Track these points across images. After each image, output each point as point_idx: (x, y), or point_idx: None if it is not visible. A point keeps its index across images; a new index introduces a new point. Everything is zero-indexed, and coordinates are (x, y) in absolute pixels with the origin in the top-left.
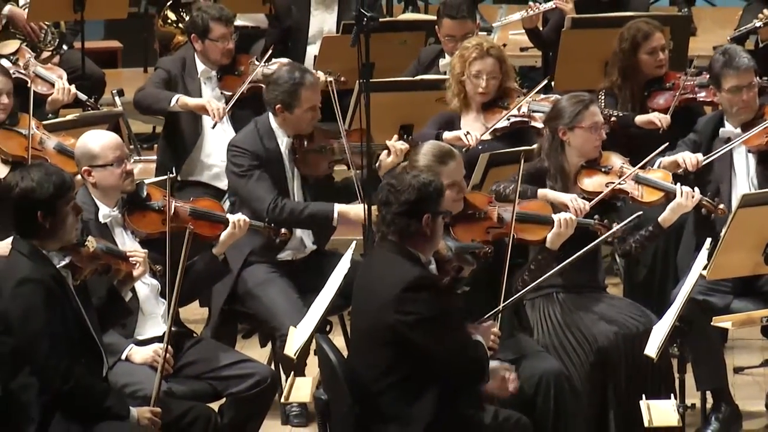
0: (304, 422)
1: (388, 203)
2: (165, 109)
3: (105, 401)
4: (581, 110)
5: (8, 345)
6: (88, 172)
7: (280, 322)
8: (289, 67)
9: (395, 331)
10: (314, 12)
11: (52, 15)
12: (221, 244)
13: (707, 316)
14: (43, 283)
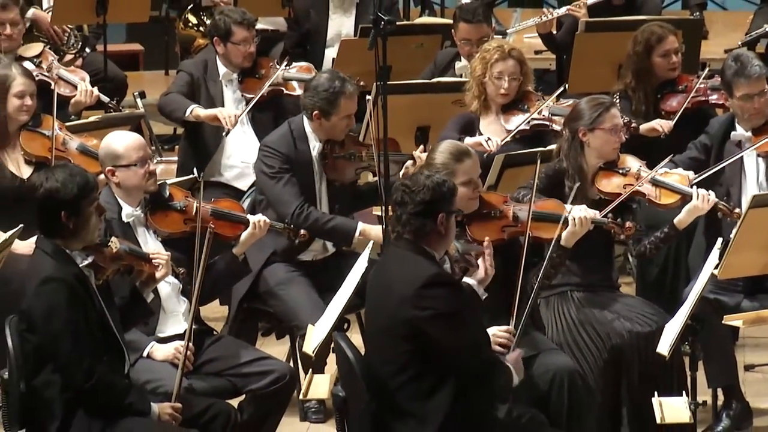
0: (322, 418)
1: (403, 203)
2: (180, 118)
3: (126, 398)
4: (602, 112)
5: (32, 343)
6: (112, 172)
7: (300, 321)
8: (329, 75)
9: (412, 326)
10: (332, 15)
11: (75, 18)
12: (242, 244)
13: (718, 315)
14: (66, 282)
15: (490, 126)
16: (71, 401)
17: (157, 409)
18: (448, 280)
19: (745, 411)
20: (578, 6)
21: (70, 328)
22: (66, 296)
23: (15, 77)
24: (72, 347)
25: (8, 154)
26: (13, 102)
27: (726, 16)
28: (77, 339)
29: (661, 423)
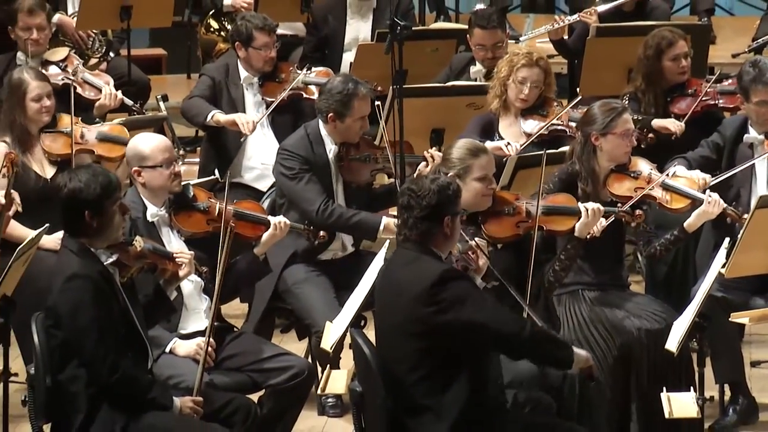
0: (339, 413)
1: (409, 207)
2: (201, 123)
3: (149, 392)
4: (614, 117)
5: (58, 338)
6: (138, 172)
7: (315, 320)
8: (342, 78)
9: (426, 323)
10: (350, 21)
11: (100, 24)
12: (263, 244)
13: (725, 313)
14: (92, 279)
15: (509, 128)
16: (96, 395)
17: (179, 403)
18: (458, 274)
19: (751, 406)
20: (589, 13)
21: (94, 325)
22: (91, 293)
23: (29, 82)
24: (96, 343)
25: (31, 156)
26: (31, 106)
27: (733, 21)
28: (102, 335)
29: (669, 417)
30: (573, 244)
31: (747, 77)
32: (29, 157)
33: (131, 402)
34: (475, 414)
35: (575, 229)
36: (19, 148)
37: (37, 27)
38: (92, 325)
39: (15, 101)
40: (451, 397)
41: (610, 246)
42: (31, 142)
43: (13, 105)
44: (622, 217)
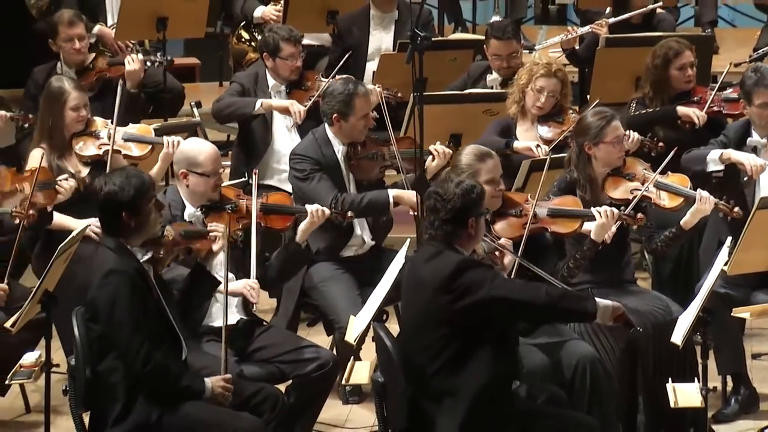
0: (357, 400)
1: (435, 210)
2: (249, 113)
3: (181, 381)
4: (604, 126)
5: (96, 331)
6: (185, 174)
7: (339, 317)
8: (342, 81)
9: (447, 310)
10: (373, 32)
11: (138, 34)
12: (302, 232)
13: (728, 308)
14: (128, 275)
15: (526, 132)
16: (133, 386)
17: (210, 384)
18: (474, 263)
19: (752, 396)
20: (600, 25)
21: (130, 318)
22: (128, 288)
23: (70, 92)
24: (131, 335)
25: (68, 160)
26: (70, 115)
27: (735, 32)
28: (136, 328)
29: (674, 407)
30: (589, 246)
31: (749, 81)
32: (65, 162)
33: (165, 391)
34: (491, 399)
35: (592, 232)
36: (55, 153)
37: (77, 37)
38: (128, 319)
39: (54, 109)
40: (469, 383)
41: (615, 244)
42: (66, 146)
43: (52, 112)
44: (624, 220)
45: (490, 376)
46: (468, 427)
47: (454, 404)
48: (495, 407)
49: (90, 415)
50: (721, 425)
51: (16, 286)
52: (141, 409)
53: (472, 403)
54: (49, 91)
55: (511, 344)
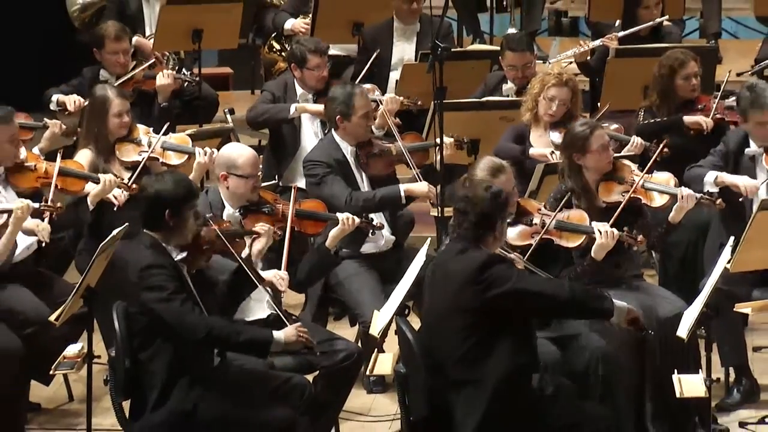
0: (380, 389)
1: (464, 212)
2: (285, 117)
3: (244, 335)
4: (588, 136)
5: (141, 322)
6: (225, 176)
7: (362, 312)
8: (341, 84)
9: (475, 300)
10: (396, 43)
11: (174, 45)
12: (332, 238)
13: (730, 303)
14: (165, 267)
15: (539, 138)
16: (172, 373)
17: (282, 335)
18: (501, 258)
19: (753, 387)
20: (611, 38)
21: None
22: (166, 275)
23: (113, 99)
24: (181, 306)
25: (111, 164)
26: (113, 121)
27: (738, 44)
28: (184, 300)
29: (680, 397)
30: (590, 263)
31: (744, 101)
32: (109, 164)
33: (231, 350)
34: (511, 389)
35: (592, 251)
36: (101, 156)
37: (122, 51)
38: (174, 296)
39: (99, 115)
40: (489, 372)
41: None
42: (110, 150)
43: (97, 118)
44: (626, 241)
45: (511, 367)
46: (488, 416)
47: (474, 393)
48: (514, 397)
49: (130, 403)
50: (724, 414)
51: (60, 281)
52: (178, 397)
53: (492, 393)
54: (93, 98)
55: (531, 337)
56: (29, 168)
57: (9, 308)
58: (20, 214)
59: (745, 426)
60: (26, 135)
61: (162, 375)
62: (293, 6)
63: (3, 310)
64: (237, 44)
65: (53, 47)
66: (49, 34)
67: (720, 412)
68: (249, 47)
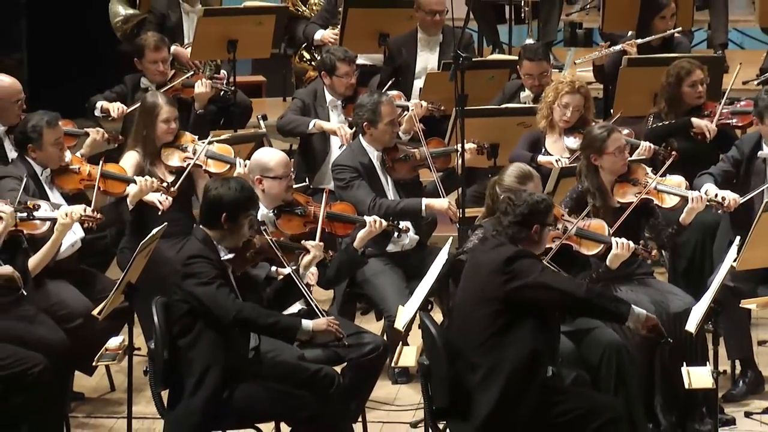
0: (405, 380)
1: (506, 213)
2: (304, 132)
3: (273, 318)
4: (605, 139)
5: (182, 309)
6: (260, 180)
7: (388, 307)
8: (368, 93)
9: (500, 289)
10: (420, 53)
11: (211, 54)
12: (359, 239)
13: (736, 299)
14: (210, 260)
15: (554, 143)
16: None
17: (311, 325)
18: (530, 253)
19: (758, 379)
20: (631, 44)
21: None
22: (209, 265)
23: (162, 106)
24: (217, 290)
25: (157, 167)
26: (161, 127)
27: (743, 54)
28: (221, 285)
29: (689, 388)
30: (604, 269)
31: (762, 103)
32: (155, 168)
33: (260, 332)
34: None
35: (608, 260)
36: (147, 159)
37: (161, 60)
38: (212, 279)
39: (148, 121)
40: (508, 357)
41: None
42: (156, 154)
43: (146, 123)
44: (640, 254)
45: (528, 354)
46: (502, 402)
47: (491, 379)
48: (527, 385)
49: (168, 392)
50: (730, 404)
51: (102, 278)
52: (213, 384)
53: (506, 380)
54: (144, 104)
55: (551, 329)
56: (73, 171)
57: (55, 303)
58: (65, 222)
59: (751, 416)
60: (70, 142)
61: (199, 362)
62: (323, 18)
63: (49, 305)
64: (270, 54)
65: (96, 57)
66: (93, 44)
67: (726, 403)
68: (281, 57)
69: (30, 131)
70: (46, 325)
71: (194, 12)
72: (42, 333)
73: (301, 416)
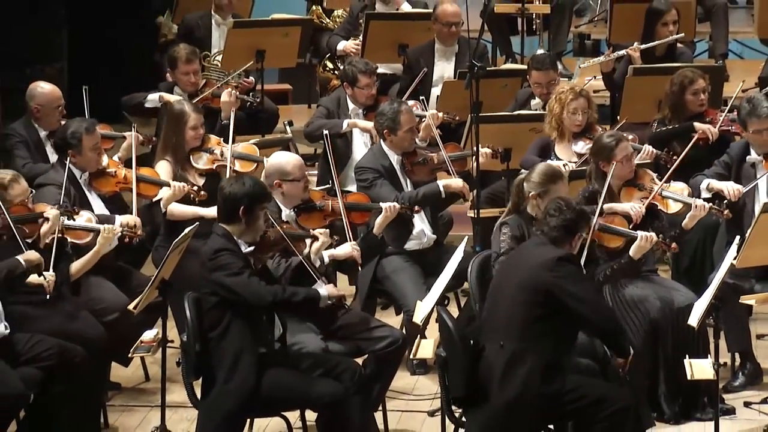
0: (423, 371)
1: (552, 215)
2: (339, 132)
3: (301, 295)
4: (614, 147)
5: (211, 302)
6: (279, 184)
7: (406, 302)
8: (389, 102)
9: (543, 282)
10: (437, 62)
11: (240, 64)
12: (378, 226)
13: (736, 295)
14: (234, 252)
15: (564, 149)
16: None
17: (325, 291)
18: (578, 261)
19: (757, 370)
20: (634, 49)
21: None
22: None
23: (190, 113)
24: (248, 279)
25: (187, 171)
26: (189, 133)
27: (743, 63)
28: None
29: (691, 379)
30: (627, 261)
31: (743, 112)
32: (185, 172)
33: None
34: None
35: (631, 250)
36: (178, 165)
37: (193, 72)
38: (240, 269)
39: (177, 128)
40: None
41: None
42: (186, 159)
43: (174, 130)
44: (660, 247)
45: (553, 346)
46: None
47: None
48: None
49: (201, 381)
50: (730, 394)
51: (137, 274)
52: (243, 374)
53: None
54: (172, 112)
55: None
56: (110, 174)
57: (94, 298)
58: (106, 236)
59: (750, 405)
60: (107, 144)
61: (229, 354)
62: (345, 30)
63: (88, 300)
64: (295, 63)
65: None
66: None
67: (727, 393)
68: (306, 66)
69: (69, 137)
70: (86, 319)
71: (225, 24)
72: (82, 326)
73: (325, 403)
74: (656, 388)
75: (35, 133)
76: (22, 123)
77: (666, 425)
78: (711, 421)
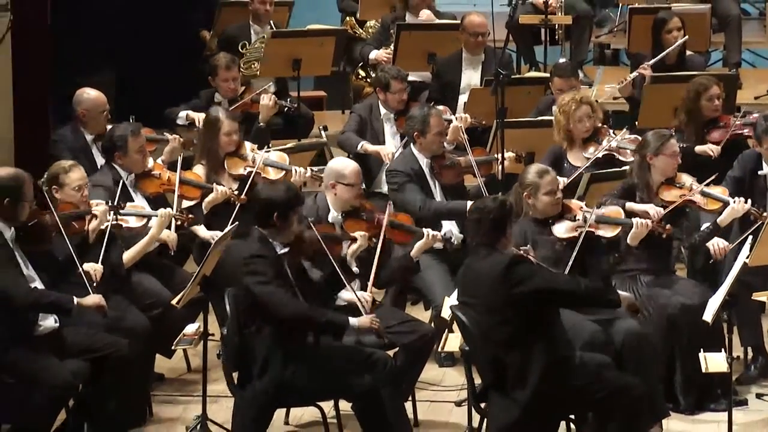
0: (450, 364)
1: (479, 221)
2: (353, 152)
3: (325, 316)
4: (664, 142)
5: (245, 303)
6: (334, 185)
7: (435, 298)
8: (419, 106)
9: (505, 297)
10: (464, 70)
11: (277, 72)
12: (417, 249)
13: (749, 292)
14: (267, 258)
15: (575, 156)
16: (271, 349)
17: (357, 322)
18: (522, 258)
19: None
20: (644, 68)
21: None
22: (267, 263)
23: (224, 120)
24: (276, 288)
25: (221, 176)
26: (224, 139)
27: (755, 72)
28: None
29: (705, 372)
30: (625, 248)
31: (760, 128)
32: (219, 177)
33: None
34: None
35: (628, 237)
36: (213, 170)
37: (232, 79)
38: (270, 278)
39: (212, 134)
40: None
41: (661, 241)
42: (220, 164)
43: (210, 137)
44: (655, 230)
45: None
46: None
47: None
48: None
49: (238, 373)
50: (743, 387)
51: (180, 271)
52: (276, 368)
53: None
54: (207, 119)
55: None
56: (155, 176)
57: (139, 293)
58: (162, 220)
59: (761, 397)
60: (151, 147)
61: (262, 350)
62: (377, 40)
63: (135, 295)
64: (330, 71)
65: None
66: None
67: (739, 385)
68: (340, 74)
69: (116, 140)
70: (133, 314)
71: (263, 33)
72: (129, 321)
73: (357, 394)
74: (672, 381)
75: (82, 138)
76: (70, 128)
77: (681, 415)
78: (724, 411)
